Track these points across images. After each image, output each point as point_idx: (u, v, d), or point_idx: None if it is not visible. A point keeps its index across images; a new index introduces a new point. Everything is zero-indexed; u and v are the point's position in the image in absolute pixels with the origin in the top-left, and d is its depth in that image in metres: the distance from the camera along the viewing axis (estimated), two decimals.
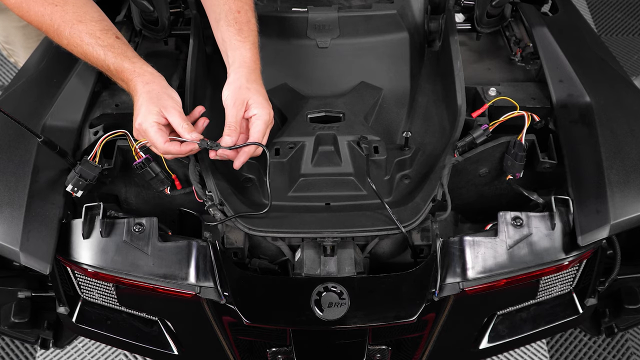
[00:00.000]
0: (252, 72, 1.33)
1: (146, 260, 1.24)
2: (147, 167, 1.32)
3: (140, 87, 1.28)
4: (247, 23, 1.39)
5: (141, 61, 1.32)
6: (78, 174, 1.27)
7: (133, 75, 1.29)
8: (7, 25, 2.03)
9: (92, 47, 1.30)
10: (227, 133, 1.27)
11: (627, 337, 2.09)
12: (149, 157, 1.32)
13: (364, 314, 1.23)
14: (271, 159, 1.31)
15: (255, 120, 1.29)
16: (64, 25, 1.30)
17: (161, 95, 1.27)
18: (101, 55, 1.30)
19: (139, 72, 1.29)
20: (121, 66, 1.30)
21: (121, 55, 1.30)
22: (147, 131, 1.25)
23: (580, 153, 1.33)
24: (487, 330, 1.40)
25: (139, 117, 1.26)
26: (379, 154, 1.32)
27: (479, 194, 1.46)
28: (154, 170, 1.33)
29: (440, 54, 1.62)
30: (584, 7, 3.31)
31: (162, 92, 1.28)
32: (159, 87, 1.28)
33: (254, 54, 1.36)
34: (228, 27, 1.37)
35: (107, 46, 1.30)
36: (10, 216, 1.24)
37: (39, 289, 1.48)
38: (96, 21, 1.31)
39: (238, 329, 1.29)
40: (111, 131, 1.34)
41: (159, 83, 1.30)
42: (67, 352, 2.04)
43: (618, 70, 1.57)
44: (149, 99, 1.26)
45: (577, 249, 1.26)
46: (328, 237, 1.25)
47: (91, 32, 1.30)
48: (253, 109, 1.29)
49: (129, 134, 1.33)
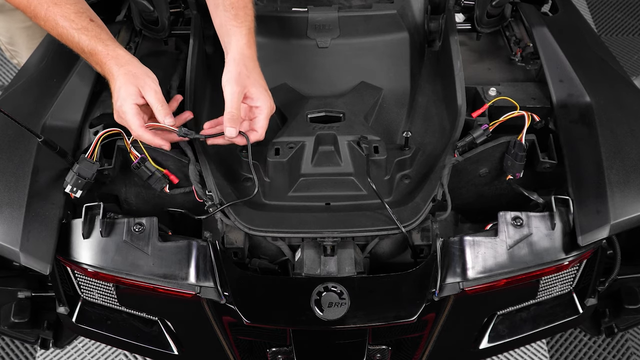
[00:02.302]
0: (248, 60, 1.33)
1: (146, 260, 1.24)
2: (142, 166, 1.33)
3: (116, 69, 1.27)
4: (243, 8, 1.38)
5: (115, 43, 1.31)
6: (77, 172, 1.27)
7: (107, 59, 1.28)
8: (11, 27, 2.03)
9: (66, 30, 1.30)
10: (229, 124, 1.26)
11: (627, 337, 2.09)
12: (144, 157, 1.33)
13: (364, 314, 1.23)
14: (271, 159, 1.31)
15: (259, 114, 1.30)
16: (40, 7, 1.30)
17: (138, 75, 1.27)
18: (75, 38, 1.29)
19: (112, 54, 1.29)
20: (95, 49, 1.29)
21: (95, 38, 1.29)
22: (126, 113, 1.25)
23: (580, 153, 1.33)
24: (487, 330, 1.40)
25: (118, 99, 1.26)
26: (379, 154, 1.32)
27: (479, 194, 1.46)
28: (149, 169, 1.33)
29: (440, 54, 1.62)
30: (584, 7, 3.31)
31: (140, 72, 1.28)
32: (135, 68, 1.28)
33: (250, 39, 1.36)
34: (225, 12, 1.37)
35: (81, 29, 1.29)
36: (10, 216, 1.24)
37: (39, 289, 1.48)
38: (71, 3, 1.30)
39: (238, 329, 1.29)
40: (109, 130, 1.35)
41: (134, 64, 1.29)
42: (67, 352, 2.04)
43: (618, 70, 1.57)
44: (127, 80, 1.26)
45: (577, 249, 1.26)
46: (328, 237, 1.25)
47: (65, 14, 1.29)
48: (255, 100, 1.29)
49: (124, 134, 1.33)
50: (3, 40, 2.10)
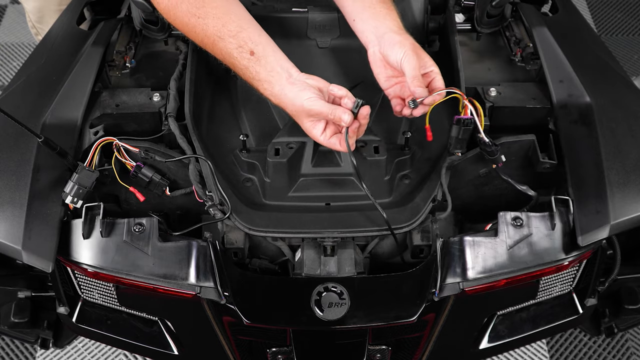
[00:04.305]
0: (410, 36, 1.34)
1: (146, 261, 1.24)
2: (139, 174, 1.33)
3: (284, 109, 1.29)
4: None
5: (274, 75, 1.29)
6: (76, 182, 1.27)
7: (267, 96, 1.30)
8: (44, 7, 2.11)
9: (233, 66, 1.32)
10: (418, 84, 1.26)
11: (627, 337, 2.09)
12: (139, 164, 1.34)
13: (364, 314, 1.23)
14: (271, 159, 1.31)
15: (435, 75, 1.31)
16: (207, 39, 1.31)
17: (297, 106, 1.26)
18: (241, 75, 1.32)
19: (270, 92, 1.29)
20: (256, 89, 1.31)
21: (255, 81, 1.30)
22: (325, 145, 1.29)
23: (580, 153, 1.33)
24: (487, 331, 1.40)
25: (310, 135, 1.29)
26: (379, 154, 1.32)
27: (479, 194, 1.46)
28: (146, 176, 1.34)
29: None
30: (584, 7, 3.31)
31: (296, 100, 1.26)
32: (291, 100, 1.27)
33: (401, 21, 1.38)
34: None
35: (243, 68, 1.30)
36: (11, 215, 1.24)
37: (39, 289, 1.48)
38: (233, 36, 1.29)
39: (238, 329, 1.29)
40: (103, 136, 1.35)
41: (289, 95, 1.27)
42: (67, 352, 2.04)
43: (618, 70, 1.57)
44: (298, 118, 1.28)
45: (577, 249, 1.26)
46: (328, 237, 1.25)
47: (229, 52, 1.30)
48: (428, 67, 1.31)
49: (118, 142, 1.33)
50: (32, 18, 2.19)
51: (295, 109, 1.26)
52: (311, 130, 1.28)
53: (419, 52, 1.30)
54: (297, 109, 1.26)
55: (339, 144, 1.27)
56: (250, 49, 1.29)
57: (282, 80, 1.27)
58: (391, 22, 1.34)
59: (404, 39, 1.31)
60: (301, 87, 1.26)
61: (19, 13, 3.24)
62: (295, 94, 1.25)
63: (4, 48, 3.10)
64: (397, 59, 1.29)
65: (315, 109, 1.24)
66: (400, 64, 1.28)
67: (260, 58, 1.29)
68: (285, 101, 1.27)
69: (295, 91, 1.26)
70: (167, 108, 1.42)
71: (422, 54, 1.31)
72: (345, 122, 1.23)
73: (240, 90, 1.54)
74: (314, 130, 1.27)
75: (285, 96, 1.27)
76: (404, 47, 1.29)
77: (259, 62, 1.28)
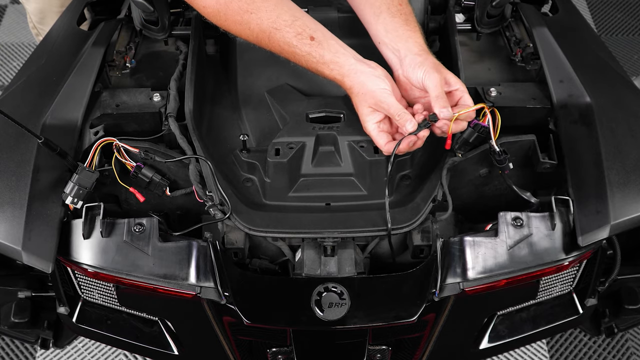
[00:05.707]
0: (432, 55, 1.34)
1: (146, 261, 1.24)
2: (139, 174, 1.33)
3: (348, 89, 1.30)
4: (410, 14, 1.39)
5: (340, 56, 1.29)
6: (76, 183, 1.27)
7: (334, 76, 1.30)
8: (45, 8, 2.11)
9: (292, 55, 1.31)
10: (443, 105, 1.25)
11: (627, 337, 2.09)
12: (139, 165, 1.34)
13: (364, 314, 1.23)
14: (271, 159, 1.31)
15: (462, 93, 1.30)
16: (262, 34, 1.31)
17: (367, 90, 1.27)
18: (303, 63, 1.31)
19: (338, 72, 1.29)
20: (321, 73, 1.31)
21: (320, 64, 1.30)
22: (370, 134, 1.28)
23: (580, 153, 1.33)
24: (487, 331, 1.41)
25: (361, 119, 1.29)
26: (379, 154, 1.32)
27: (479, 194, 1.46)
28: (146, 176, 1.34)
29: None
30: (584, 7, 3.31)
31: (368, 84, 1.27)
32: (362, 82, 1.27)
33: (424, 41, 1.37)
34: (393, 18, 1.37)
35: (305, 55, 1.30)
36: (11, 215, 1.24)
37: (39, 289, 1.48)
38: (289, 25, 1.29)
39: (238, 329, 1.29)
40: (103, 137, 1.35)
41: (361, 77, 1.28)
42: (67, 352, 2.04)
43: (618, 70, 1.57)
44: (360, 101, 1.28)
45: (577, 249, 1.26)
46: (328, 237, 1.25)
47: (287, 40, 1.29)
48: (453, 85, 1.30)
49: (118, 142, 1.33)
50: (34, 19, 2.20)
51: (364, 92, 1.27)
52: (366, 116, 1.28)
53: (440, 69, 1.30)
54: (365, 92, 1.26)
55: (384, 144, 1.27)
56: (310, 35, 1.29)
57: (351, 60, 1.28)
58: (412, 44, 1.34)
59: (424, 59, 1.30)
60: (378, 74, 1.27)
61: (19, 13, 3.24)
62: (369, 79, 1.27)
63: (4, 48, 3.10)
64: (419, 78, 1.29)
65: (387, 102, 1.25)
66: (423, 83, 1.28)
67: (321, 42, 1.29)
68: (355, 81, 1.27)
69: (369, 75, 1.27)
70: (167, 108, 1.42)
71: (444, 71, 1.31)
72: (406, 130, 1.25)
73: (241, 90, 1.54)
74: (368, 117, 1.28)
75: (357, 76, 1.27)
76: (424, 66, 1.29)
77: (321, 46, 1.29)
